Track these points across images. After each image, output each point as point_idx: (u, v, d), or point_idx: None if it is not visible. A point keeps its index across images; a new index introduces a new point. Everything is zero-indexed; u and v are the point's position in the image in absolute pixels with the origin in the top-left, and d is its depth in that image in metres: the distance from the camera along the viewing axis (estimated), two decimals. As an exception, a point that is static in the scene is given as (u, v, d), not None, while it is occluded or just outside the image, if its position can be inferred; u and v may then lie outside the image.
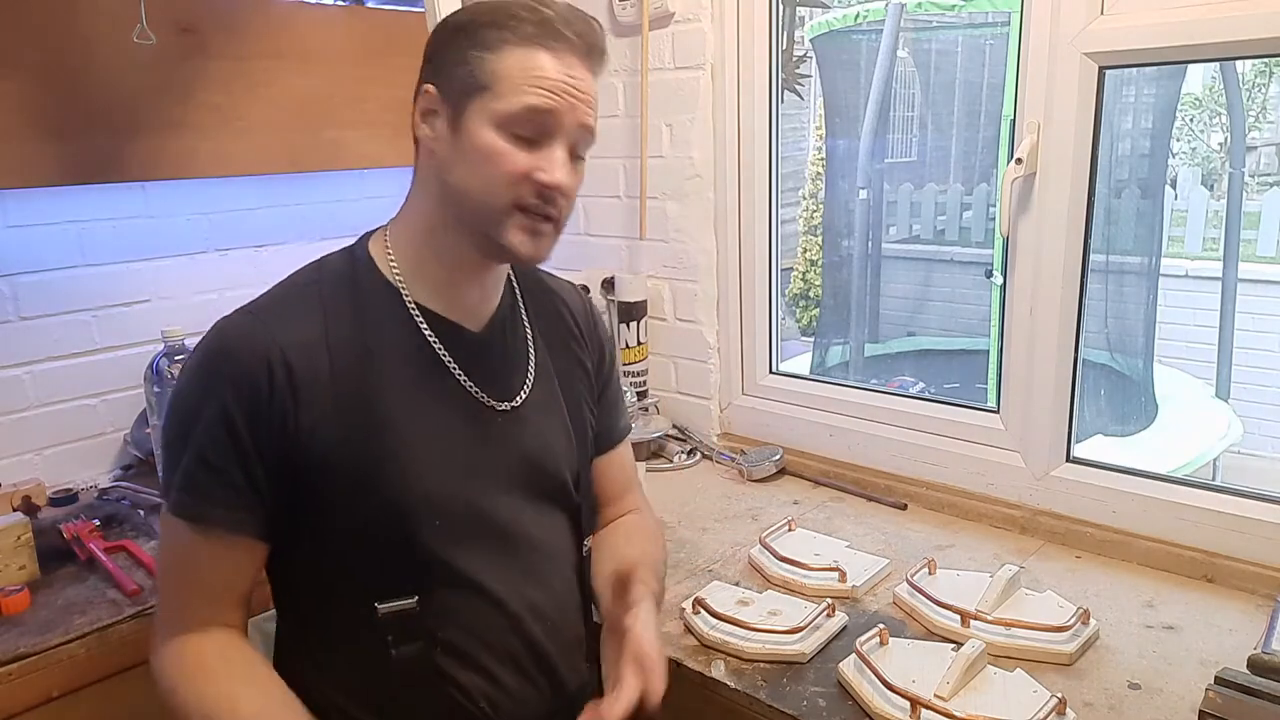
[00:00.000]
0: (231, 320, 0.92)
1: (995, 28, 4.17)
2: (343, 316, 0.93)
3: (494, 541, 0.97)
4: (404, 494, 0.92)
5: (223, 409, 0.87)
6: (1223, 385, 4.07)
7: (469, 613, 0.95)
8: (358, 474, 0.90)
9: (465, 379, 0.97)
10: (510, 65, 0.89)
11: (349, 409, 0.90)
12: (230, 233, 1.79)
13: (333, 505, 0.91)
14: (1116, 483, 1.40)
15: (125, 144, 1.45)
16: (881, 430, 1.67)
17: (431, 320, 0.97)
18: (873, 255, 4.42)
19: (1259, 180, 5.72)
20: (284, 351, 0.88)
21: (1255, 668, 0.95)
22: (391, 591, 0.92)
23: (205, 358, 0.90)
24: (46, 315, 1.59)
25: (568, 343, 1.11)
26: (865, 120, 4.03)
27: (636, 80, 1.83)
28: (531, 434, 1.02)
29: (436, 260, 0.97)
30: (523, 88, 0.89)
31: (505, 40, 0.89)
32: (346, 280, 0.96)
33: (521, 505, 1.01)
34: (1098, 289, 3.45)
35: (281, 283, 0.97)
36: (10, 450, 1.57)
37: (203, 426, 0.88)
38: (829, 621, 1.19)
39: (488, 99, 0.89)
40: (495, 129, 0.90)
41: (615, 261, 1.97)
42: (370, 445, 0.91)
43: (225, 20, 1.54)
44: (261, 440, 0.88)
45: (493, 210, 0.91)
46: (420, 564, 0.93)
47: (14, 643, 1.16)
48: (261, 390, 0.87)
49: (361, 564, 0.92)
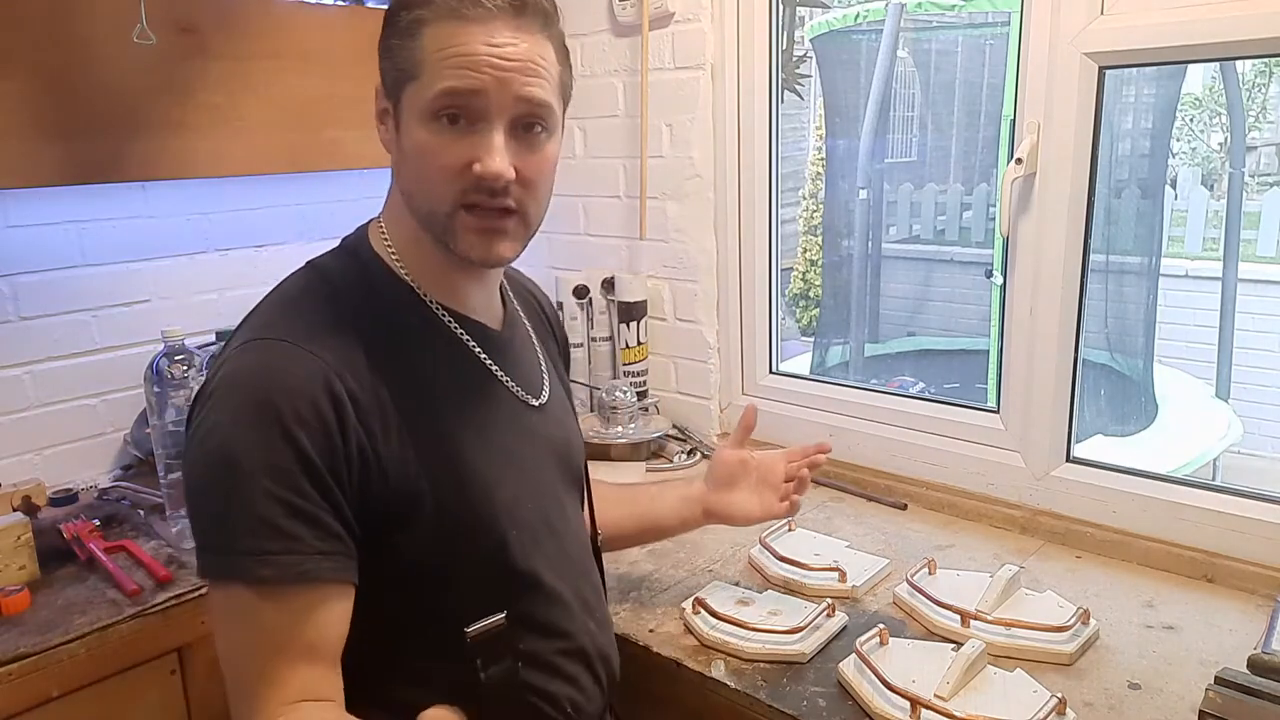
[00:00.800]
0: (266, 352, 0.80)
1: (995, 28, 4.17)
2: (375, 328, 0.85)
3: (552, 540, 0.95)
4: (491, 511, 0.87)
5: (296, 449, 0.75)
6: (1223, 385, 4.08)
7: (543, 617, 0.92)
8: (444, 499, 0.84)
9: (505, 377, 0.94)
10: (427, 46, 0.80)
11: (419, 431, 0.83)
12: (230, 233, 1.79)
13: (420, 535, 0.84)
14: (1116, 483, 1.40)
15: (125, 144, 1.45)
16: (881, 430, 1.67)
17: (459, 320, 0.91)
18: (873, 255, 4.42)
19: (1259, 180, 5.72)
20: (340, 378, 0.79)
21: (1255, 668, 0.95)
22: (479, 611, 0.86)
23: (253, 397, 0.77)
24: (46, 315, 1.59)
25: (547, 335, 1.11)
26: (865, 120, 4.03)
27: (636, 80, 1.83)
28: (558, 427, 1.02)
29: (434, 261, 0.89)
30: (441, 70, 0.79)
31: (420, 20, 0.80)
32: (361, 286, 0.88)
33: (562, 498, 1.01)
34: (1098, 289, 3.46)
35: (284, 297, 0.87)
36: (10, 450, 1.57)
37: (275, 475, 0.75)
38: (829, 621, 1.18)
39: (414, 90, 0.81)
40: (424, 122, 0.81)
41: (615, 261, 1.97)
42: (450, 467, 0.85)
43: (225, 20, 1.54)
44: (345, 475, 0.78)
45: (438, 215, 0.83)
46: (503, 578, 0.89)
47: (14, 643, 1.15)
48: (331, 422, 0.77)
49: (450, 591, 0.86)
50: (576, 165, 1.99)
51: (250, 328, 0.84)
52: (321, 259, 0.91)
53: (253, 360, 0.79)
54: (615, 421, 1.80)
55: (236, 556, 0.76)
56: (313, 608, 0.78)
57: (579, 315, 1.95)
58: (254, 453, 0.75)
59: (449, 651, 0.85)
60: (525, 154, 0.83)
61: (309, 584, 0.77)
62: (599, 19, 1.87)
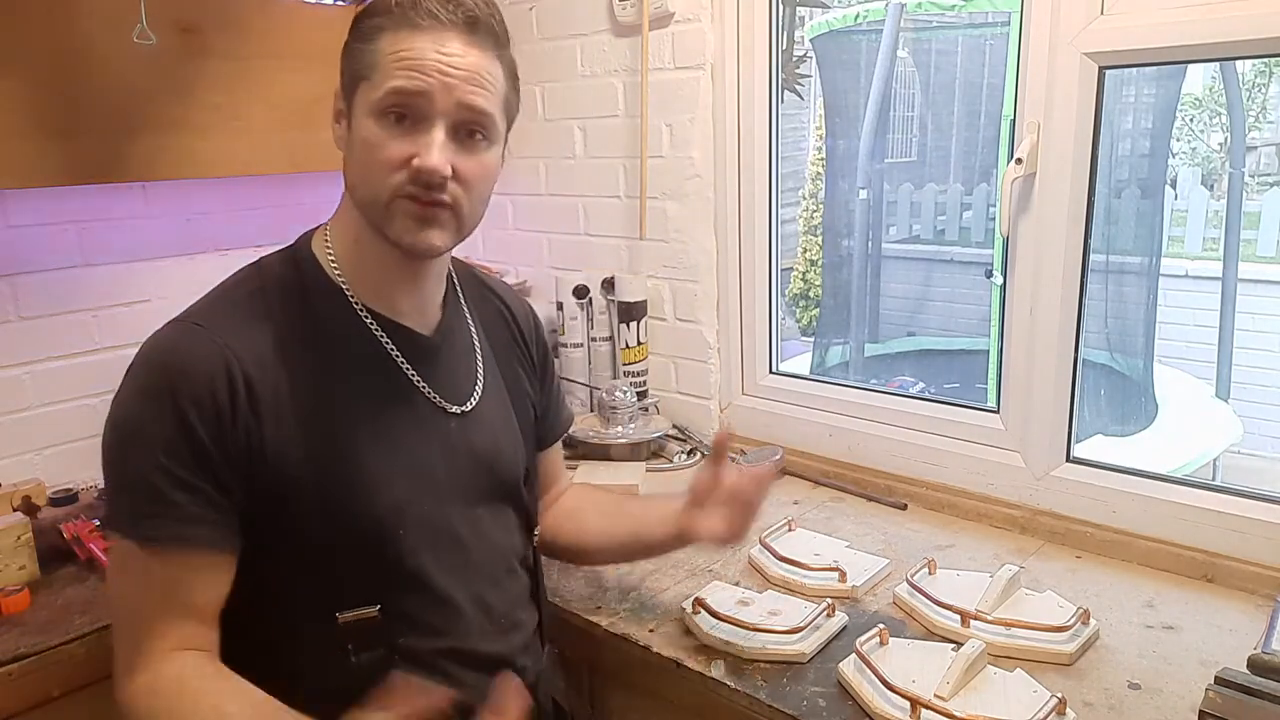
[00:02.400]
0: (177, 332, 0.88)
1: (995, 28, 4.17)
2: (293, 323, 0.91)
3: (450, 545, 0.97)
4: (373, 508, 0.91)
5: (184, 425, 0.83)
6: (1223, 385, 4.08)
7: (428, 617, 0.95)
8: (325, 490, 0.89)
9: (422, 383, 0.97)
10: (382, 49, 0.87)
11: (312, 423, 0.89)
12: (230, 233, 1.79)
13: (298, 520, 0.89)
14: (1116, 483, 1.40)
15: (125, 144, 1.45)
16: (881, 430, 1.67)
17: (383, 324, 0.96)
18: (873, 255, 4.42)
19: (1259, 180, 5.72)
20: (240, 364, 0.86)
21: (1255, 668, 0.95)
22: (353, 601, 0.91)
23: (154, 373, 0.86)
24: (46, 315, 1.59)
25: (508, 342, 1.12)
26: (865, 120, 4.03)
27: (636, 80, 1.83)
28: (485, 436, 1.03)
29: (370, 262, 0.95)
30: (392, 70, 0.86)
31: (380, 27, 0.87)
32: (293, 284, 0.94)
33: (476, 507, 1.01)
34: (1098, 289, 3.46)
35: (220, 287, 0.95)
36: (10, 450, 1.57)
37: (164, 445, 0.84)
38: (829, 621, 1.19)
39: (366, 89, 0.88)
40: (372, 118, 0.88)
41: (615, 261, 1.97)
42: (336, 461, 0.90)
43: (225, 20, 1.54)
44: (228, 454, 0.85)
45: (378, 203, 0.89)
46: (384, 574, 0.92)
47: (14, 643, 1.16)
48: (223, 404, 0.85)
49: (325, 576, 0.91)
50: (576, 165, 1.99)
51: (184, 311, 0.93)
52: (267, 257, 0.98)
53: (165, 340, 0.89)
54: (615, 421, 1.80)
55: (126, 515, 0.86)
56: (190, 569, 0.86)
57: (579, 315, 1.95)
58: (147, 424, 0.85)
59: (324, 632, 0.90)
60: (465, 156, 0.90)
61: (185, 547, 0.85)
62: (599, 19, 1.87)
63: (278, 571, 0.91)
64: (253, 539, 0.89)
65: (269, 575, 0.91)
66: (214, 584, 0.88)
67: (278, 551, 0.90)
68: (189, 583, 0.86)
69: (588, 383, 1.97)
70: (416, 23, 0.86)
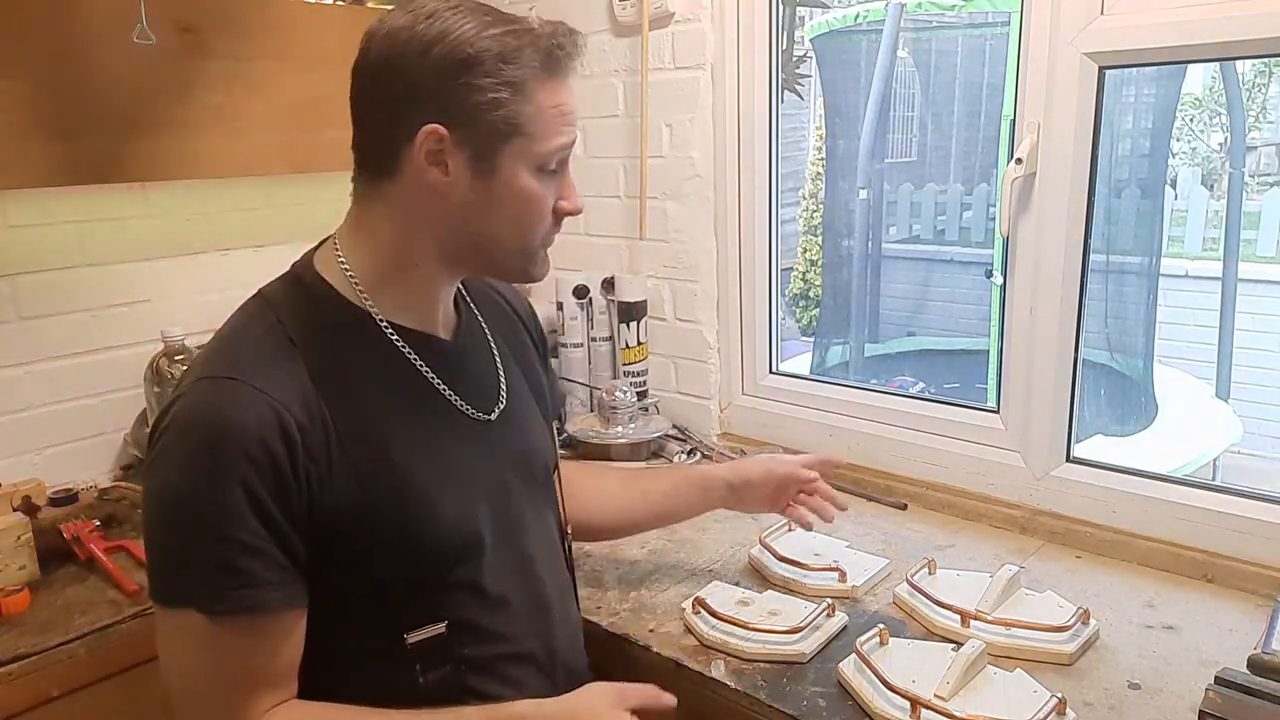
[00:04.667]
0: (213, 391, 0.82)
1: (995, 28, 4.17)
2: (318, 352, 0.87)
3: (503, 550, 0.97)
4: (434, 531, 0.90)
5: (246, 489, 0.79)
6: (1223, 385, 4.07)
7: (490, 625, 0.95)
8: (385, 522, 0.87)
9: (450, 393, 0.95)
10: (540, 105, 0.87)
11: (363, 457, 0.86)
12: (230, 233, 1.79)
13: (359, 555, 0.87)
14: (1116, 483, 1.40)
15: (125, 144, 1.45)
16: (881, 430, 1.67)
17: (407, 336, 0.93)
18: (873, 255, 4.42)
19: (1259, 180, 5.72)
20: (286, 409, 0.82)
21: (1255, 668, 0.95)
22: (418, 621, 0.90)
23: (201, 438, 0.80)
24: (46, 315, 1.59)
25: (514, 330, 1.11)
26: (865, 120, 4.03)
27: (636, 80, 1.83)
28: (518, 435, 1.03)
29: (414, 284, 0.93)
30: (557, 129, 0.88)
31: (525, 78, 0.86)
32: (306, 311, 0.90)
33: (519, 507, 1.01)
34: (1098, 289, 3.46)
35: (230, 329, 0.90)
36: (10, 450, 1.57)
37: (224, 513, 0.79)
38: (829, 621, 1.18)
39: (524, 142, 0.87)
40: (535, 173, 0.89)
41: (615, 261, 1.97)
42: (393, 492, 0.88)
43: (225, 20, 1.54)
44: (292, 509, 0.82)
45: (528, 251, 0.93)
46: (448, 591, 0.92)
47: (14, 643, 1.16)
48: (281, 459, 0.81)
49: (389, 603, 0.89)
50: (576, 165, 1.97)
51: (202, 364, 0.88)
52: (269, 287, 0.94)
53: (204, 400, 0.82)
54: (615, 421, 1.80)
55: (193, 587, 0.81)
56: (268, 635, 0.83)
57: (579, 315, 1.95)
58: (205, 494, 0.79)
59: (391, 656, 0.89)
60: None
61: (262, 614, 0.82)
62: (599, 19, 1.87)
63: (339, 606, 0.88)
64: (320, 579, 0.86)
65: (330, 611, 0.88)
66: (294, 643, 0.86)
67: (339, 588, 0.88)
68: (270, 649, 0.84)
69: (588, 383, 1.96)
70: (563, 76, 0.89)
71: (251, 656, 0.83)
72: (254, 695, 0.83)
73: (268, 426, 0.80)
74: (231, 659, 0.82)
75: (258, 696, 0.83)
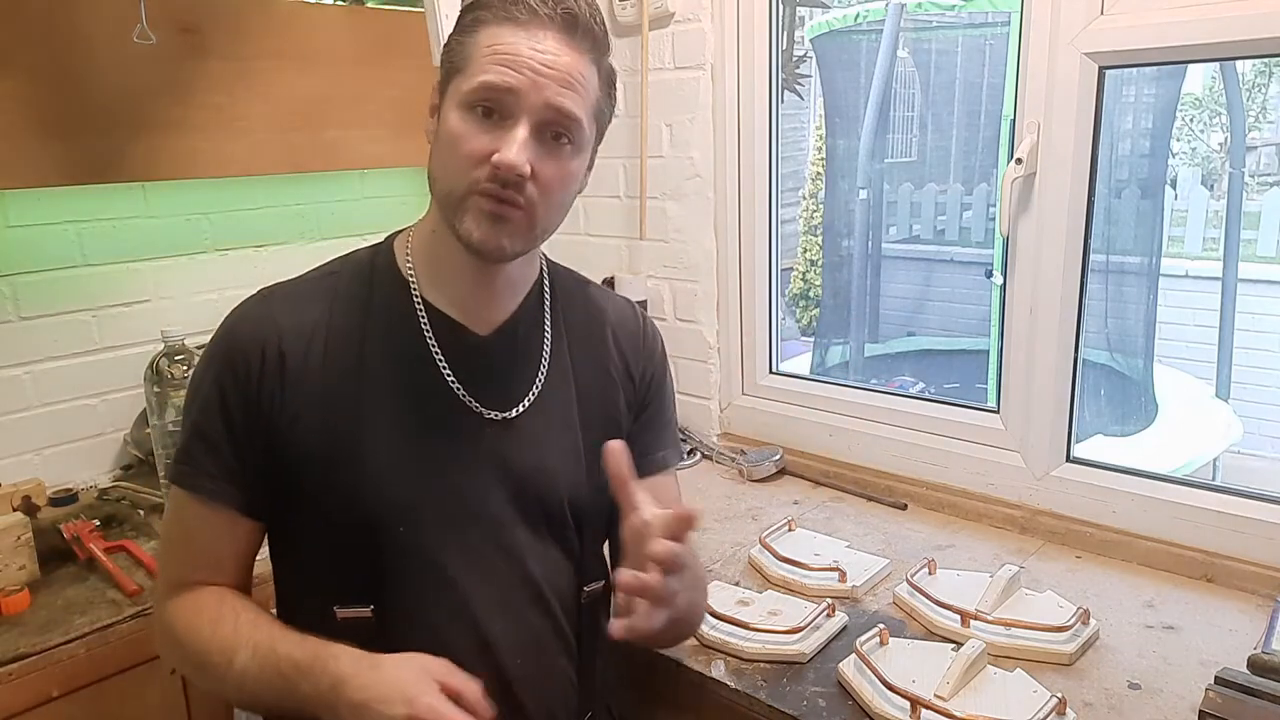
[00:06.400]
0: (249, 301, 0.94)
1: (995, 28, 4.16)
2: (351, 307, 0.93)
3: (464, 558, 0.91)
4: (374, 498, 0.89)
5: (219, 385, 0.89)
6: (1223, 385, 4.07)
7: (428, 630, 0.90)
8: (328, 468, 0.89)
9: (455, 381, 0.92)
10: (479, 42, 0.85)
11: (333, 402, 0.90)
12: (230, 233, 1.79)
13: (304, 497, 0.90)
14: (1116, 483, 1.40)
15: (125, 144, 1.45)
16: (881, 430, 1.67)
17: (435, 318, 0.93)
18: (873, 255, 4.42)
19: (1259, 180, 5.71)
20: (281, 337, 0.89)
21: (1255, 668, 0.96)
22: (352, 597, 0.90)
23: (218, 334, 0.93)
24: (46, 315, 1.59)
25: (604, 363, 1.03)
26: (865, 120, 4.03)
27: (636, 80, 1.83)
28: (526, 448, 0.95)
29: (441, 256, 0.94)
30: (485, 64, 0.84)
31: (479, 20, 0.86)
32: (364, 272, 0.96)
33: (505, 524, 0.94)
34: (1098, 289, 3.45)
35: (312, 270, 0.98)
36: (10, 450, 1.57)
37: (202, 400, 0.90)
38: (829, 621, 1.19)
39: (458, 81, 0.86)
40: (460, 111, 0.85)
41: (615, 261, 1.97)
42: (345, 442, 0.89)
43: (225, 20, 1.54)
44: (249, 420, 0.89)
45: (453, 196, 0.87)
46: (379, 572, 0.89)
47: (14, 643, 1.16)
48: (253, 372, 0.89)
49: (324, 563, 0.92)
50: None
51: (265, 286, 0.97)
52: (358, 249, 1.00)
53: (238, 307, 0.94)
54: (615, 421, 1.80)
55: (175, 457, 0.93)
56: (209, 521, 0.91)
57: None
58: (196, 383, 0.93)
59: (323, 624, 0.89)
60: (547, 159, 0.86)
61: (199, 497, 0.90)
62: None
63: (287, 555, 0.95)
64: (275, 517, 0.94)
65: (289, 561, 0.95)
66: (228, 540, 0.93)
67: (289, 532, 0.94)
68: (210, 533, 0.92)
69: (588, 383, 1.96)
70: (515, 17, 0.84)
71: (196, 533, 0.92)
72: (192, 566, 0.93)
73: (253, 339, 0.89)
74: (179, 526, 0.94)
75: (195, 568, 0.93)
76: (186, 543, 0.94)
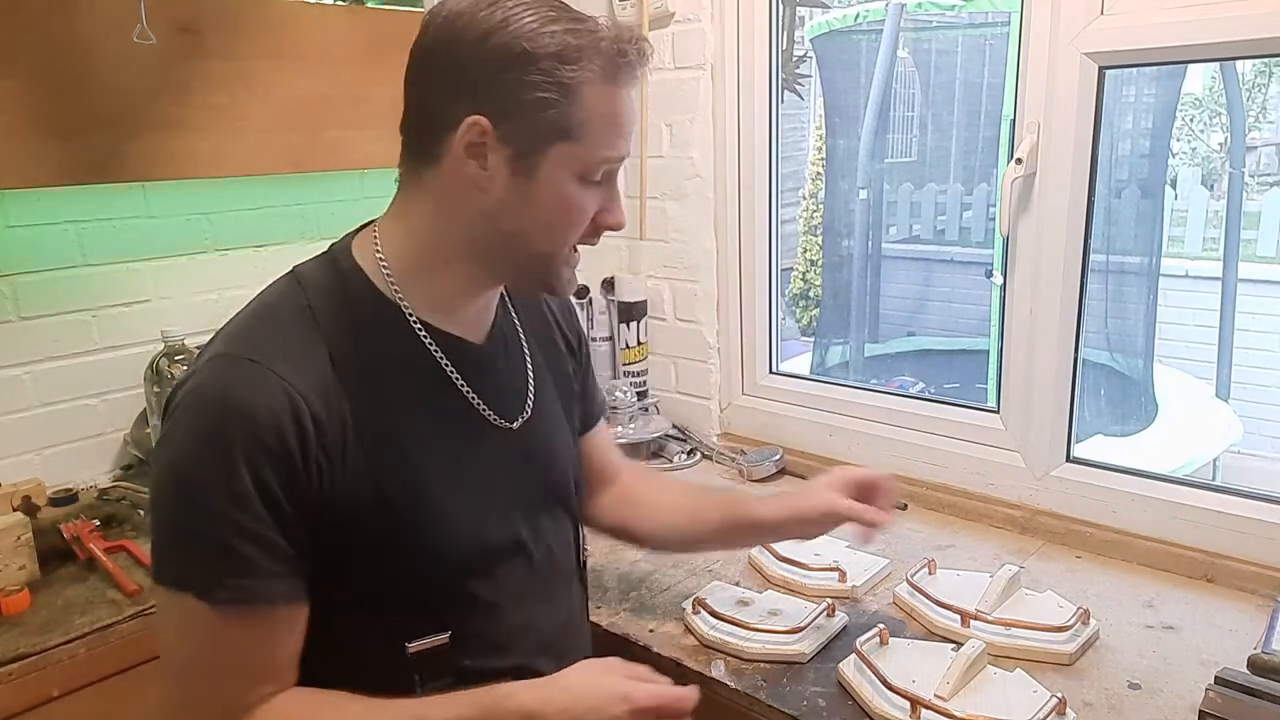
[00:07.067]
0: (231, 370, 0.80)
1: (995, 28, 4.17)
2: (344, 342, 0.85)
3: (512, 565, 0.95)
4: (445, 541, 0.88)
5: (254, 475, 0.77)
6: (1223, 385, 4.07)
7: (495, 639, 0.93)
8: (396, 526, 0.85)
9: (475, 398, 0.92)
10: (593, 111, 0.82)
11: (378, 457, 0.84)
12: (230, 233, 1.79)
13: (366, 557, 0.85)
14: (1116, 483, 1.40)
15: (125, 144, 1.45)
16: (881, 430, 1.67)
17: (436, 336, 0.90)
18: (873, 255, 4.42)
19: (1259, 180, 5.71)
20: (306, 402, 0.79)
21: (1255, 668, 0.96)
22: (422, 629, 0.88)
23: (214, 416, 0.78)
24: (46, 315, 1.59)
25: (551, 336, 1.08)
26: (865, 120, 4.03)
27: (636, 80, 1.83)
28: (540, 445, 1.00)
29: (445, 281, 0.90)
30: (608, 139, 0.84)
31: (580, 81, 0.81)
32: (337, 297, 0.87)
33: (538, 516, 0.98)
34: (1098, 289, 3.45)
35: (260, 304, 0.88)
36: (10, 450, 1.57)
37: (231, 497, 0.77)
38: (829, 621, 1.19)
39: (571, 148, 0.83)
40: (577, 180, 0.85)
41: (615, 261, 1.97)
42: (406, 496, 0.85)
43: (225, 20, 1.53)
44: (302, 501, 0.80)
45: (554, 256, 0.89)
46: (452, 601, 0.90)
47: (14, 643, 1.15)
48: (293, 449, 0.78)
49: (393, 609, 0.87)
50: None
51: (224, 338, 0.85)
52: (304, 266, 0.91)
53: (221, 379, 0.80)
54: (615, 421, 1.80)
55: (193, 573, 0.79)
56: (268, 628, 0.81)
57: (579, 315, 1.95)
58: (211, 476, 0.77)
59: (390, 663, 0.87)
60: None
61: (262, 606, 0.79)
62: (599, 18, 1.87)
63: (342, 606, 0.86)
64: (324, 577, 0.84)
65: (332, 610, 0.86)
66: (294, 637, 0.84)
67: (344, 587, 0.85)
68: (270, 642, 0.82)
69: (588, 383, 1.96)
70: (620, 79, 0.83)
71: (250, 648, 0.80)
72: (250, 686, 0.81)
73: (284, 414, 0.78)
74: (229, 649, 0.80)
75: (254, 686, 0.81)
76: (234, 664, 0.81)
